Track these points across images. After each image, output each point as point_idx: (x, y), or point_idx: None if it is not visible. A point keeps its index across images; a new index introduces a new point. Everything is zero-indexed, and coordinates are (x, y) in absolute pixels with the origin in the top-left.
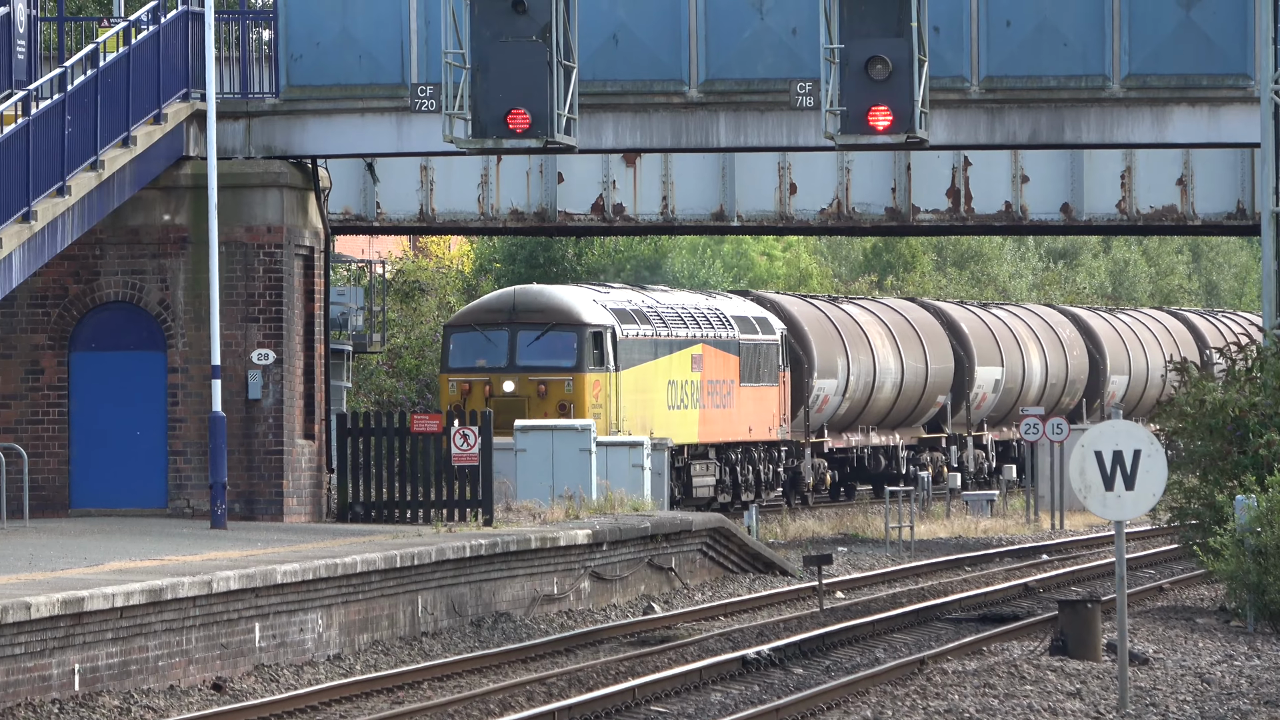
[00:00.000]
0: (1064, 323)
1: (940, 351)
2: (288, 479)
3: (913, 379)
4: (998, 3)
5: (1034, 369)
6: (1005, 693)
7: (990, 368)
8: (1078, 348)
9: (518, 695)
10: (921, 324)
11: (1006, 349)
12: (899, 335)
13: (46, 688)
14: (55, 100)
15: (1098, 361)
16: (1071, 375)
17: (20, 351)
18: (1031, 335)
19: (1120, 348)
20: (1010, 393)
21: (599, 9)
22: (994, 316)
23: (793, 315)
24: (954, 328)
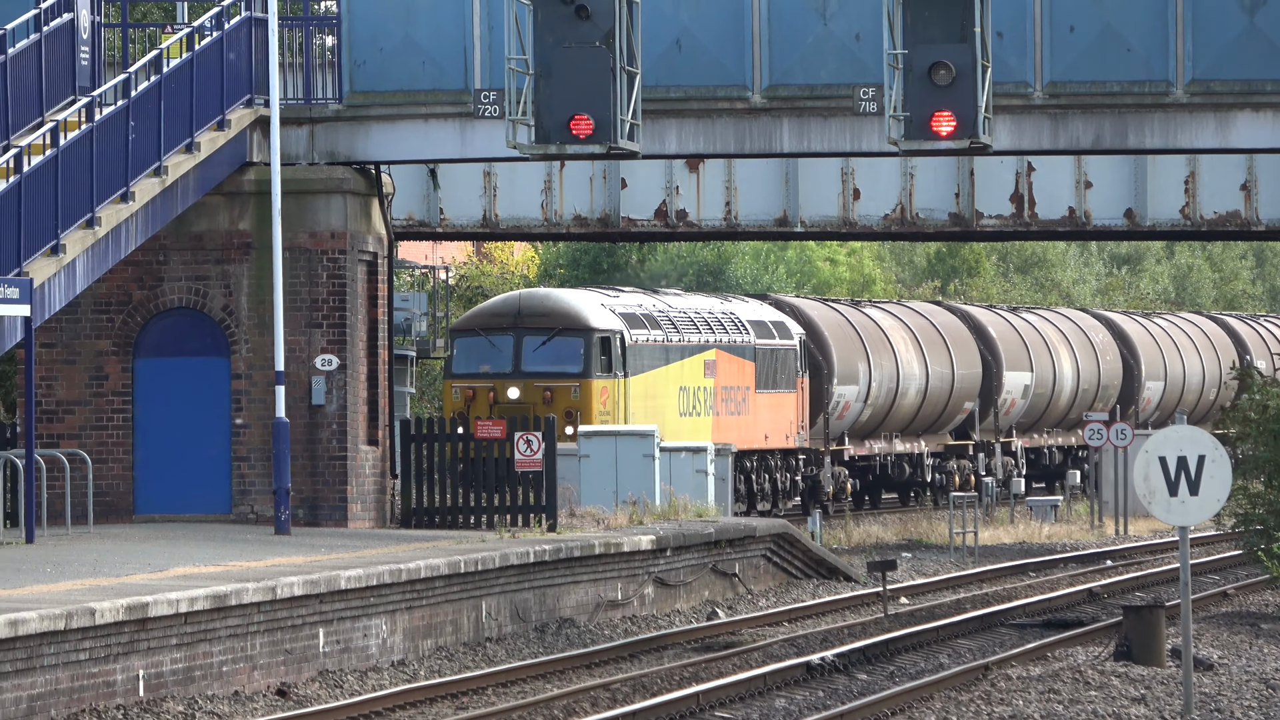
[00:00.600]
0: (1097, 327)
1: (967, 356)
2: (351, 485)
3: (938, 384)
4: (1061, 8)
5: (1065, 374)
6: (1069, 698)
7: (1019, 373)
8: (1111, 352)
9: (582, 701)
10: (948, 328)
11: (1036, 353)
12: (924, 339)
13: (111, 693)
14: (119, 106)
15: (1132, 367)
16: (1104, 381)
17: (84, 358)
18: (1062, 339)
19: (1156, 353)
20: (1040, 399)
21: (662, 14)
22: (1023, 320)
23: (812, 319)
24: (981, 332)
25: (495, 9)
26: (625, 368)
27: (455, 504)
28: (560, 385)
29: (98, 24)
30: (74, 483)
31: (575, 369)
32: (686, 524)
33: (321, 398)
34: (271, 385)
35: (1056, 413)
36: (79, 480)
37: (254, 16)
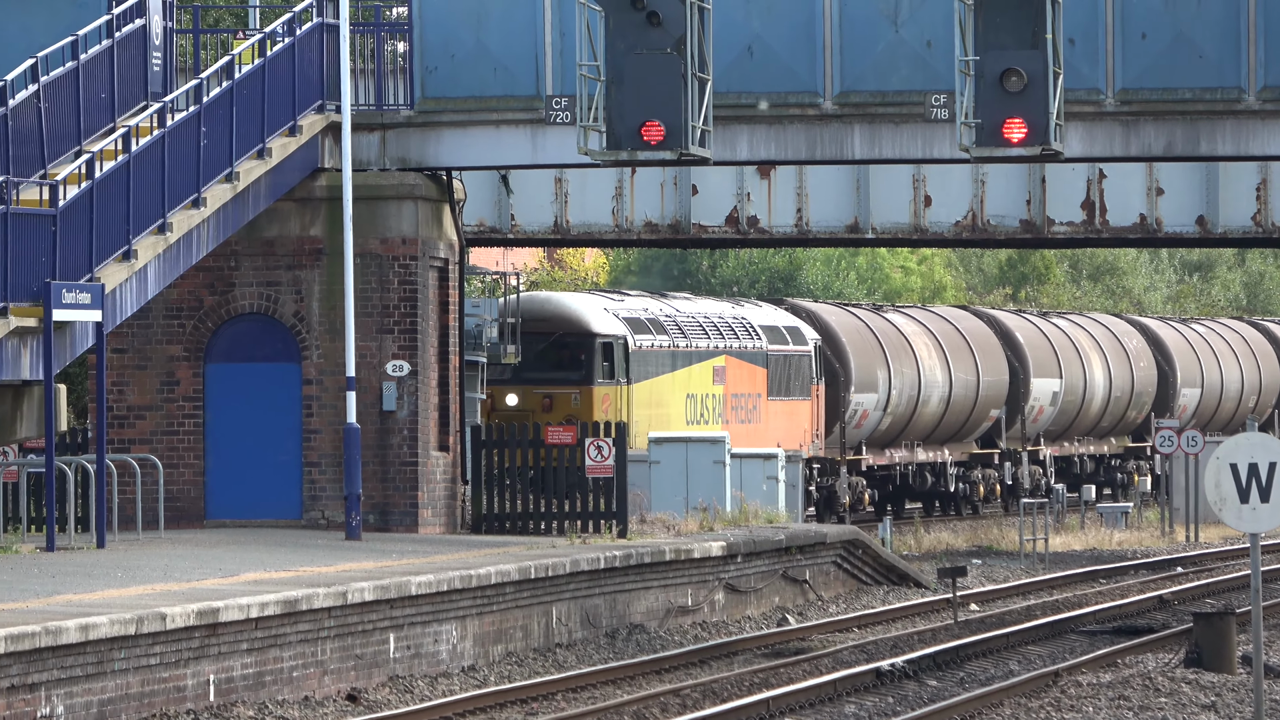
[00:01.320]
0: (1130, 332)
1: (993, 362)
2: (422, 490)
3: (962, 392)
4: (1133, 16)
5: (1096, 380)
6: (1139, 705)
7: (1047, 379)
8: (1145, 359)
9: (652, 707)
10: (973, 333)
11: (1066, 360)
12: (948, 345)
13: (181, 698)
14: (191, 112)
15: (1167, 373)
16: (1138, 388)
17: (156, 363)
18: (1094, 345)
19: (1192, 359)
20: (1070, 406)
21: (734, 21)
22: (1053, 326)
23: (829, 325)
24: (1009, 337)
25: (567, 15)
26: (629, 374)
27: (526, 510)
28: (560, 392)
29: (170, 30)
30: (145, 488)
31: (576, 375)
32: (757, 530)
33: (393, 403)
34: (343, 391)
35: (1087, 420)
36: (150, 485)
37: (326, 22)
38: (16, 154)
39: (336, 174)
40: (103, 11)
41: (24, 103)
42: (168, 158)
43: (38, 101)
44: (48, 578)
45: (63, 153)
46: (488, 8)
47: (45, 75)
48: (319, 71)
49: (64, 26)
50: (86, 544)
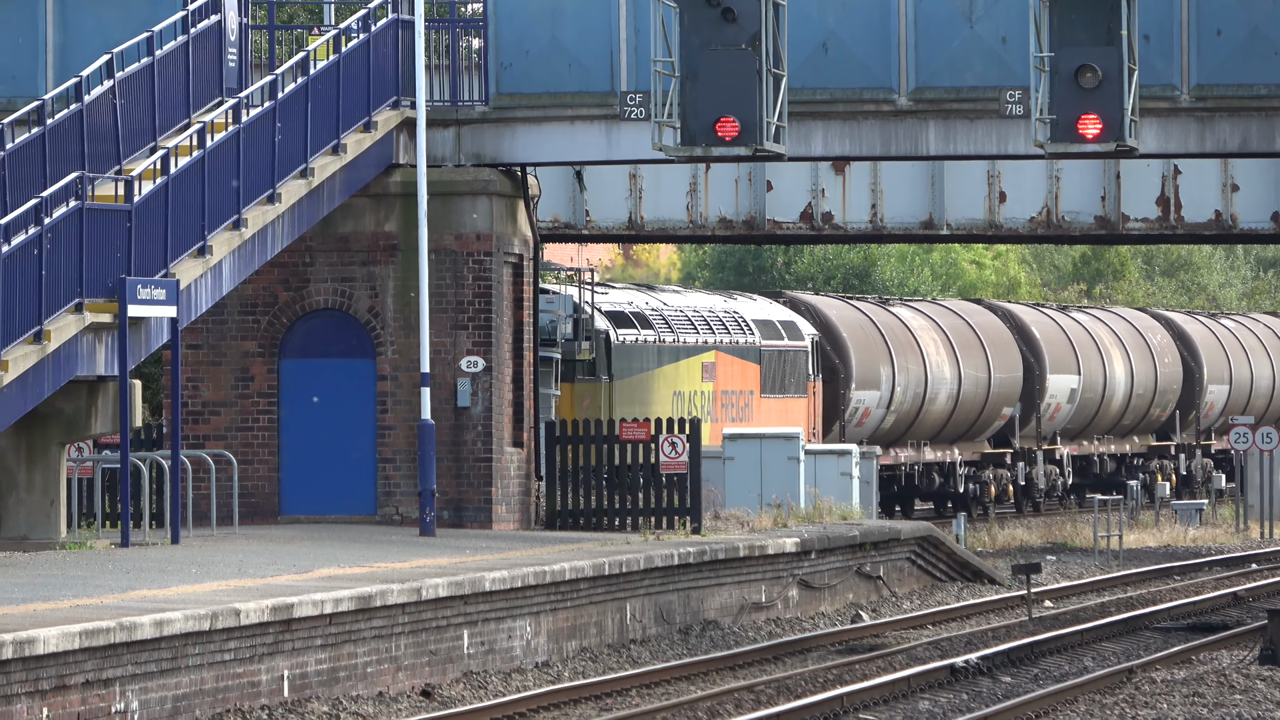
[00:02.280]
0: (1155, 327)
1: (1006, 359)
2: (496, 486)
3: (972, 389)
4: (1209, 12)
5: (1117, 377)
6: (1214, 702)
7: (1065, 376)
8: (1170, 355)
9: (726, 703)
10: (985, 328)
11: (1085, 355)
12: (957, 340)
13: (256, 694)
14: (266, 108)
15: (1193, 370)
16: (1162, 385)
17: (230, 359)
18: (1116, 340)
19: (1220, 355)
20: (1089, 403)
21: (809, 18)
22: (1072, 320)
23: (829, 319)
24: (1024, 332)
25: (641, 11)
26: (610, 370)
27: (600, 506)
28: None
29: (245, 26)
30: (220, 484)
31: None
32: (831, 527)
33: (467, 399)
34: (417, 387)
35: (1108, 418)
36: (224, 481)
37: (401, 19)
38: (92, 150)
39: (411, 170)
40: (178, 7)
41: (99, 99)
42: (243, 154)
43: (113, 97)
44: (122, 573)
45: (138, 149)
46: (562, 4)
47: (121, 71)
48: (394, 67)
49: (139, 22)
50: (161, 540)
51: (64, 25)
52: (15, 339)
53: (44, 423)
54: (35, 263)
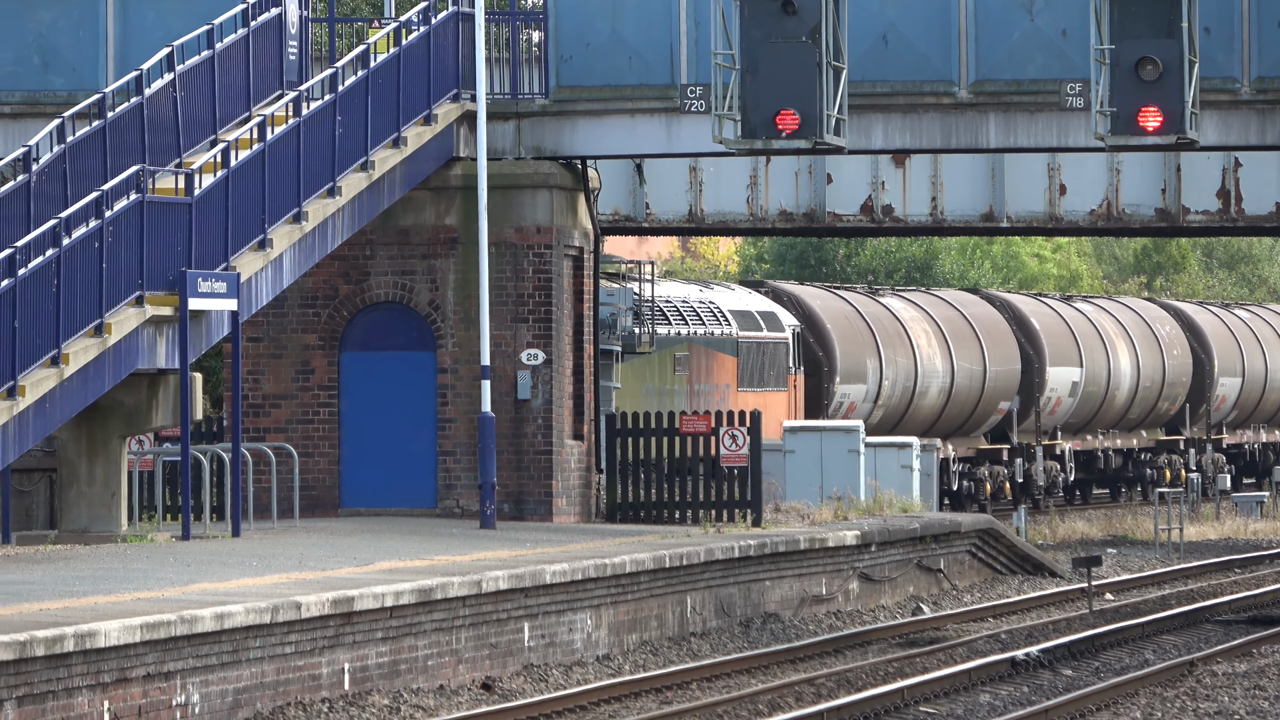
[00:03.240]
0: (1164, 318)
1: (1003, 351)
2: (556, 479)
3: (966, 382)
4: (1270, 4)
5: (1122, 370)
6: (1275, 695)
7: (1066, 368)
8: (1179, 346)
9: (786, 696)
10: (981, 319)
11: (1088, 347)
12: (950, 332)
13: (316, 686)
14: (326, 101)
15: (1203, 362)
16: (1170, 377)
17: (291, 351)
18: (1121, 332)
19: (1232, 347)
20: (1092, 396)
21: (869, 10)
22: (1075, 311)
23: (812, 310)
24: (1023, 323)
25: (702, 4)
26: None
27: (660, 499)
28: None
29: (305, 19)
30: (280, 476)
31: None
32: (891, 519)
33: (527, 392)
34: (477, 380)
35: (1113, 412)
36: (285, 474)
37: (461, 11)
38: (153, 142)
39: (471, 163)
40: (238, 0)
41: (160, 91)
42: (303, 146)
43: (173, 91)
44: (183, 566)
45: (198, 141)
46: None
47: (181, 64)
48: (454, 60)
49: (200, 15)
50: (222, 532)
51: (125, 18)
52: (76, 332)
53: (104, 415)
54: (96, 255)
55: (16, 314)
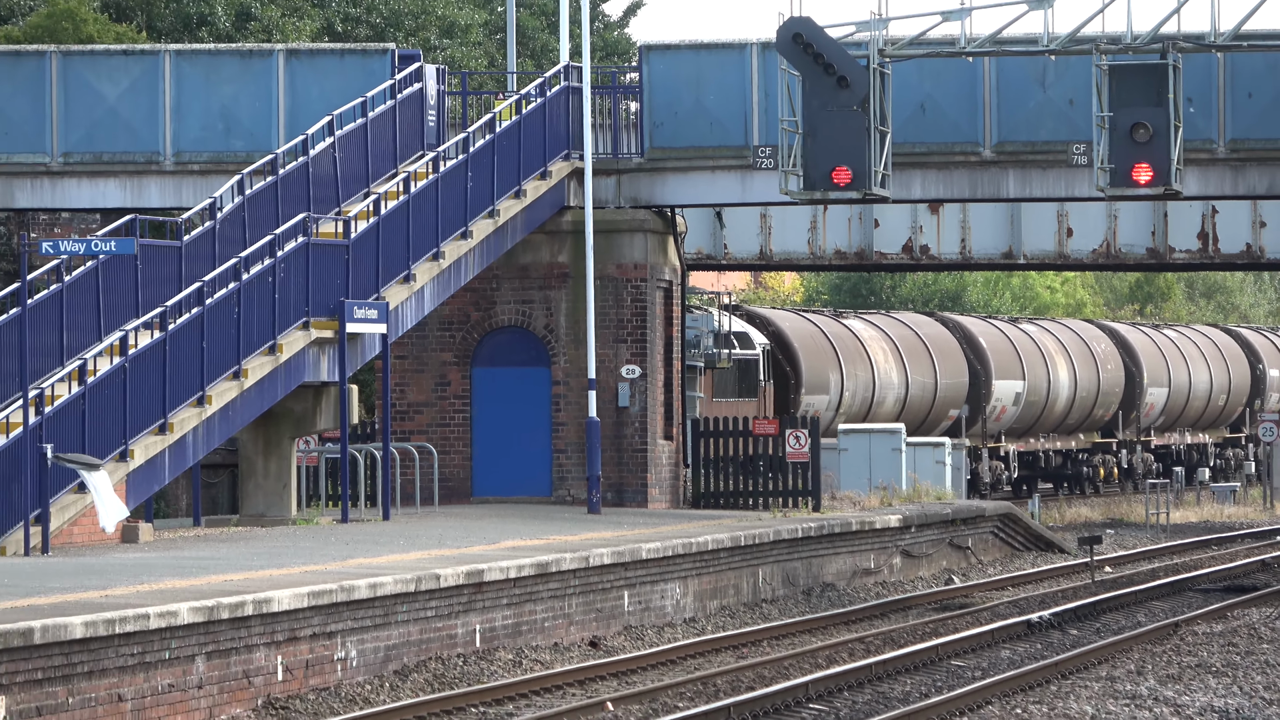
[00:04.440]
0: (1099, 336)
1: (953, 365)
2: (650, 472)
3: (919, 392)
4: (1241, 78)
5: (1061, 382)
6: (1246, 650)
7: (1010, 381)
8: (1113, 361)
9: (840, 652)
10: (933, 338)
11: (1030, 362)
12: (905, 349)
13: (453, 644)
14: (459, 160)
15: (1134, 375)
16: (1104, 388)
17: (431, 367)
18: (1060, 348)
19: (1160, 361)
20: (1034, 405)
21: (908, 83)
22: (1020, 331)
23: (781, 330)
24: (971, 341)
25: (770, 79)
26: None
27: (736, 489)
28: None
29: (442, 92)
30: (422, 471)
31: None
32: (928, 506)
33: (626, 400)
34: (585, 390)
35: (1053, 418)
36: (426, 469)
37: (571, 86)
38: (316, 195)
39: (579, 211)
40: (387, 77)
41: (322, 153)
42: (441, 197)
43: (333, 151)
44: (342, 544)
45: (354, 193)
46: (704, 73)
47: (340, 129)
48: (565, 126)
49: (355, 89)
50: (374, 517)
51: (293, 91)
52: (253, 351)
53: (277, 420)
54: (269, 288)
55: (205, 336)
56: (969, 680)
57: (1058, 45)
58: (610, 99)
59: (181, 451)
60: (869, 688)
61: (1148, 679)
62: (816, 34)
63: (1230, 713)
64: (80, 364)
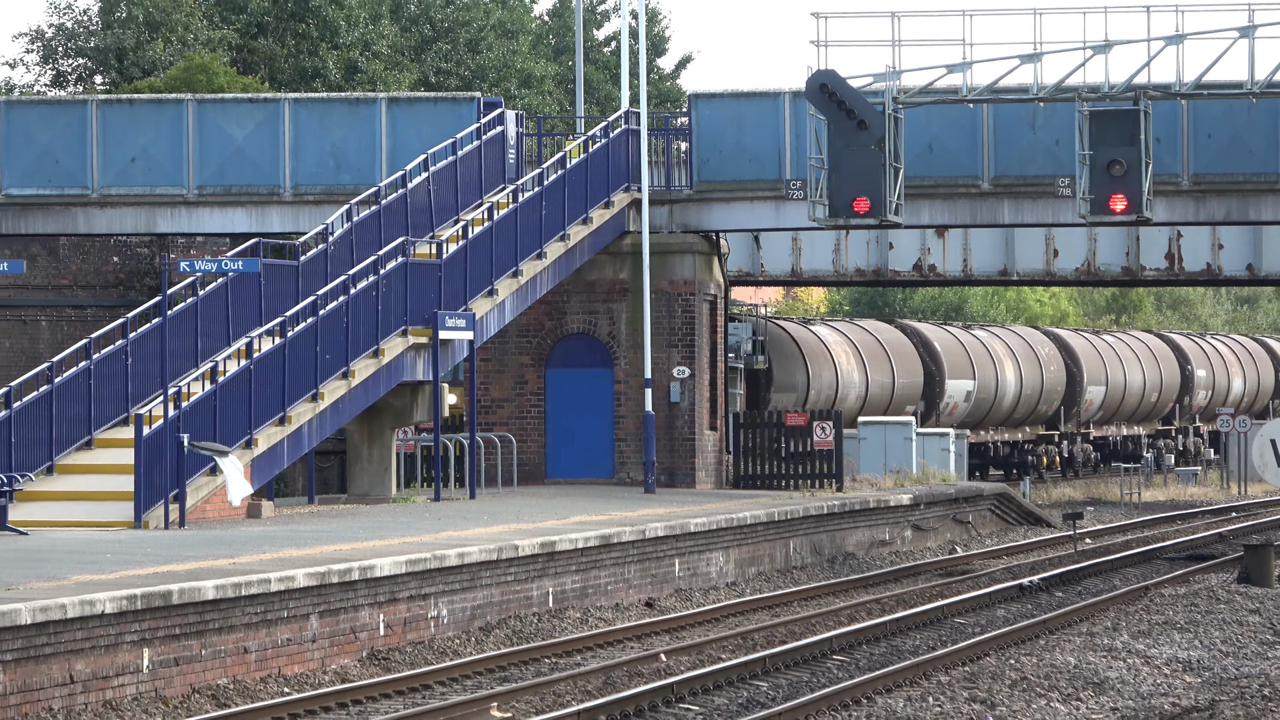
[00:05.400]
0: (1044, 341)
1: (910, 367)
2: (698, 458)
3: (878, 391)
4: (1201, 122)
5: (1008, 381)
6: (1205, 610)
7: (962, 380)
8: (1055, 363)
9: (860, 611)
10: (892, 343)
11: (980, 364)
12: (866, 353)
13: (529, 604)
14: (535, 192)
15: (1075, 375)
16: (1048, 387)
17: (510, 369)
18: (1008, 352)
19: (1098, 363)
20: (983, 402)
21: (918, 126)
22: (972, 336)
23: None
24: (927, 346)
25: (800, 123)
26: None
27: (771, 472)
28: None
29: (520, 134)
30: (503, 457)
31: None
32: (935, 487)
33: (677, 397)
34: (642, 388)
35: (1001, 413)
36: (506, 455)
37: (630, 129)
38: (413, 221)
39: (637, 235)
40: (473, 121)
41: (418, 186)
42: (519, 224)
43: (427, 185)
44: (435, 519)
45: (445, 220)
46: (744, 117)
47: (433, 166)
48: (625, 162)
49: (446, 131)
50: (462, 496)
51: (394, 133)
52: (359, 355)
53: (380, 413)
54: (373, 301)
55: (318, 341)
56: (970, 635)
57: (1045, 94)
58: (664, 140)
59: (298, 440)
60: (884, 642)
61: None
62: (839, 84)
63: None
64: (212, 365)
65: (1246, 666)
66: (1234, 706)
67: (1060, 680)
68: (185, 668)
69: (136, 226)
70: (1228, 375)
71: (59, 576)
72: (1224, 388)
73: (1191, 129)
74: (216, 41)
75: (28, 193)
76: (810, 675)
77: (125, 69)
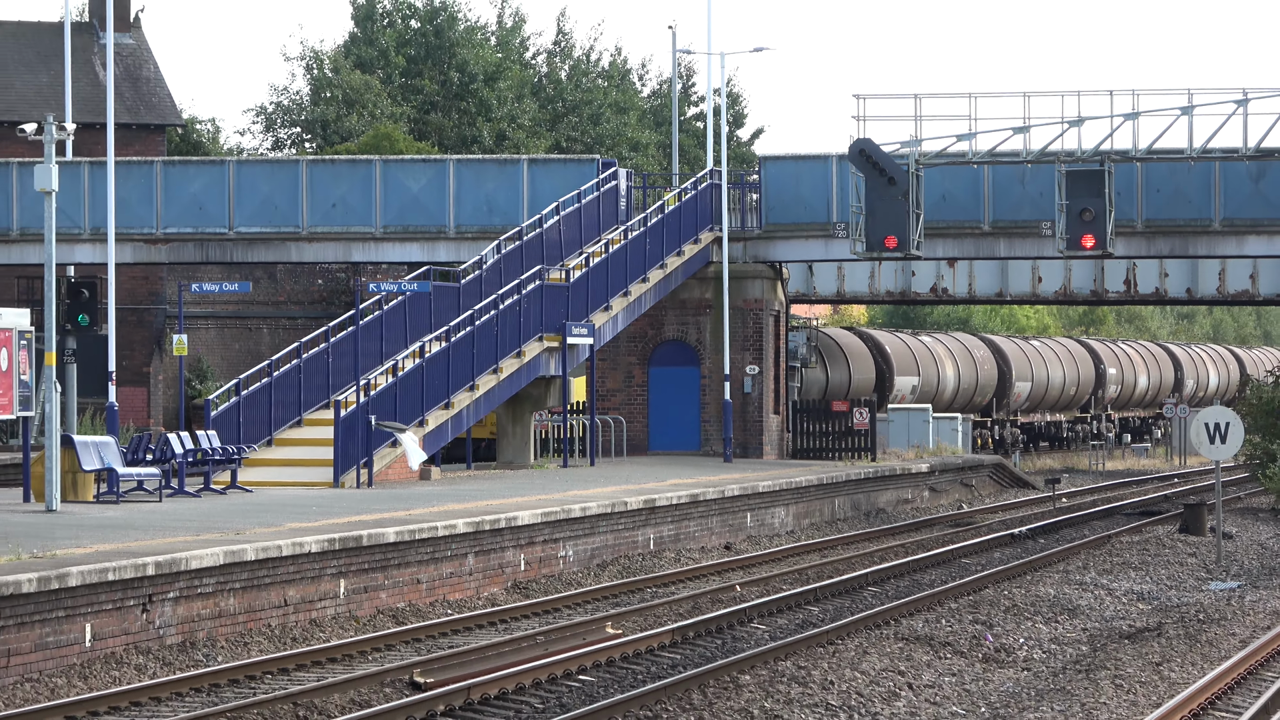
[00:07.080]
0: (979, 345)
1: (864, 365)
2: (765, 435)
3: (837, 385)
4: (1152, 180)
5: (948, 378)
6: (1154, 554)
7: (909, 377)
8: (989, 364)
9: (888, 553)
10: (850, 346)
11: (924, 364)
12: (827, 354)
13: (635, 548)
14: (640, 231)
15: (1005, 372)
16: (982, 382)
17: (621, 367)
18: (949, 354)
19: (1025, 363)
20: (927, 395)
21: (936, 182)
22: (919, 341)
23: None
24: (880, 349)
25: (843, 180)
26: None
27: (821, 446)
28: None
29: (630, 187)
30: (615, 434)
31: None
32: (946, 458)
33: (749, 388)
34: (722, 382)
35: (941, 404)
36: (618, 433)
37: (714, 183)
38: (547, 254)
39: (719, 264)
40: (594, 177)
41: (551, 226)
42: (628, 256)
43: (559, 226)
44: (563, 481)
45: (571, 253)
46: (801, 175)
47: (562, 212)
48: (710, 209)
49: (572, 183)
50: (584, 464)
51: (533, 186)
52: (505, 355)
53: (522, 400)
54: (516, 314)
55: (475, 345)
56: (973, 571)
57: (1032, 157)
58: (740, 191)
59: (459, 420)
60: (907, 576)
61: (1090, 572)
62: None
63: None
64: (393, 363)
65: (1186, 597)
66: (1176, 627)
67: (1043, 607)
68: (372, 594)
69: (336, 257)
70: (1134, 373)
71: (276, 524)
72: (1131, 383)
73: (1144, 184)
74: (398, 116)
75: (253, 230)
76: (851, 601)
77: (328, 136)
